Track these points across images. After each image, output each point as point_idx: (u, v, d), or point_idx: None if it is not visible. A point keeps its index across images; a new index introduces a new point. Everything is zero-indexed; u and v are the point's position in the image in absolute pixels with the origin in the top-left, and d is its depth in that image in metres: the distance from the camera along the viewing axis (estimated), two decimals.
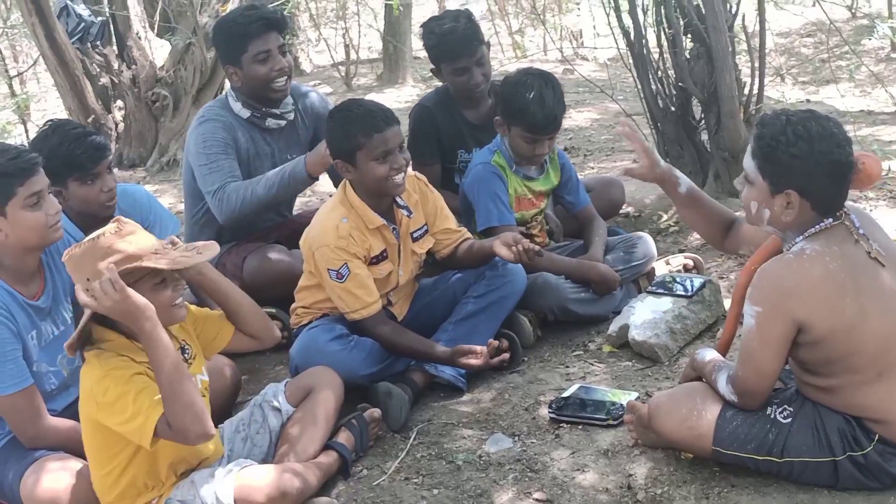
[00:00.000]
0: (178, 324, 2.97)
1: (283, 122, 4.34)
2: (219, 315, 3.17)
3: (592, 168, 6.45)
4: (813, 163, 2.58)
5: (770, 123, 2.65)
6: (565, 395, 3.42)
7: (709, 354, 2.96)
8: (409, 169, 3.73)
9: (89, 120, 7.64)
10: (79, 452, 3.00)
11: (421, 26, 4.61)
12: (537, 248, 3.68)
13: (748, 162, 2.72)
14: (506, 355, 3.70)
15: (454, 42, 4.37)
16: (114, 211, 3.72)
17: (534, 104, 3.97)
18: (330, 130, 3.71)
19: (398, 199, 3.72)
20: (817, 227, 2.66)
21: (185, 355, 2.97)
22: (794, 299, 2.58)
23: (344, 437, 3.25)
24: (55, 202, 3.17)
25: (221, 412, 3.36)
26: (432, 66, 4.61)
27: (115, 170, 5.31)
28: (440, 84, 4.70)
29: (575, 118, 8.09)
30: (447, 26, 4.39)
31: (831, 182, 2.62)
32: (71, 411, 3.23)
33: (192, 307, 3.13)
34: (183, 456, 2.92)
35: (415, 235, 3.81)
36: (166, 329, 2.81)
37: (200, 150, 4.19)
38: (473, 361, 3.59)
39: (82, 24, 7.66)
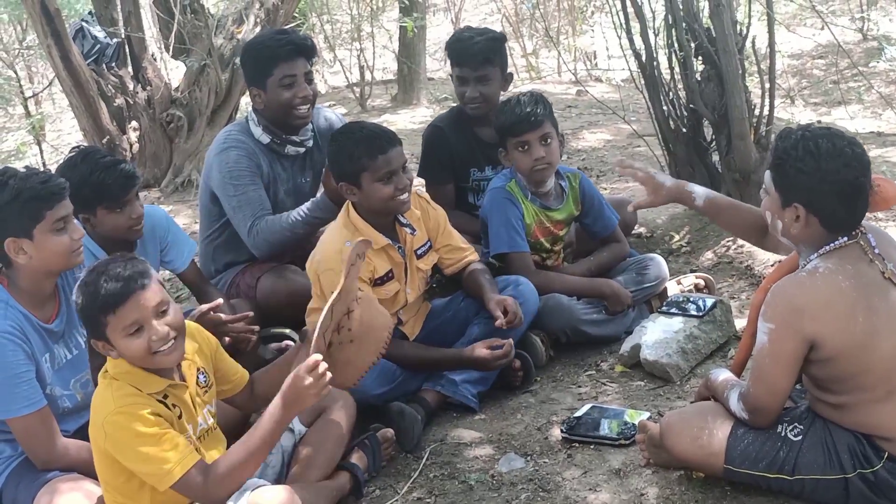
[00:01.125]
0: (199, 352, 3.00)
1: (301, 150, 4.36)
2: (241, 371, 3.17)
3: (605, 188, 6.46)
4: (818, 179, 2.61)
5: (786, 136, 2.70)
6: (577, 414, 3.43)
7: (722, 375, 2.97)
8: (421, 188, 3.75)
9: (104, 141, 7.68)
10: (92, 473, 2.99)
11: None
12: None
13: (767, 172, 2.77)
14: (518, 373, 3.73)
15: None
16: (140, 235, 3.76)
17: (510, 107, 4.05)
18: (333, 153, 3.75)
19: (401, 218, 3.75)
20: (832, 245, 2.68)
21: (202, 380, 2.98)
22: (806, 317, 2.60)
23: (357, 458, 3.26)
24: (79, 227, 3.21)
25: (235, 432, 3.36)
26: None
27: None
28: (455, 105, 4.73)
29: (588, 139, 8.12)
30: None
31: (838, 201, 2.64)
32: (84, 433, 3.22)
33: (221, 350, 3.13)
34: None
35: (419, 252, 3.84)
36: (189, 357, 2.92)
37: (227, 180, 4.18)
38: (498, 353, 3.63)
39: (98, 46, 7.69)
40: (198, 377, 2.96)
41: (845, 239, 2.68)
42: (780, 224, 2.75)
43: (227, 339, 3.50)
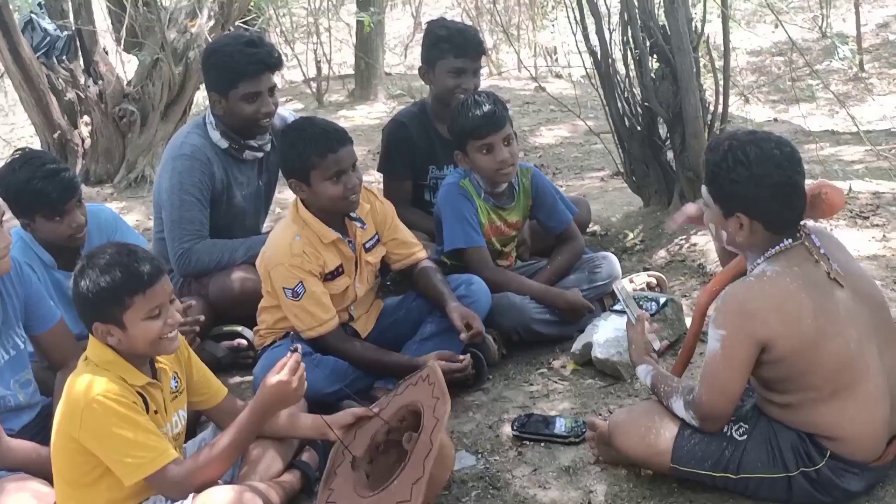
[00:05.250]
0: (174, 357, 2.99)
1: (259, 154, 4.34)
2: (215, 387, 3.16)
3: (561, 186, 6.47)
4: (753, 186, 2.64)
5: (714, 149, 2.73)
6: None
7: (646, 374, 2.97)
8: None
9: (55, 135, 7.58)
10: (38, 473, 2.98)
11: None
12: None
13: (703, 187, 2.80)
14: (471, 371, 3.72)
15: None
16: (82, 242, 3.71)
17: (469, 109, 3.98)
18: (283, 150, 3.72)
19: (351, 212, 3.74)
20: (777, 247, 2.70)
21: (174, 385, 2.97)
22: (757, 320, 2.62)
23: (307, 456, 3.24)
24: (6, 235, 3.16)
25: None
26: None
27: (83, 186, 5.30)
28: (413, 101, 4.70)
29: (545, 136, 8.14)
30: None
31: (777, 202, 2.66)
32: (29, 431, 3.21)
33: (196, 359, 3.12)
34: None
35: (367, 246, 3.82)
36: (160, 358, 2.90)
37: (175, 190, 4.16)
38: (455, 366, 3.61)
39: (48, 39, 7.57)
40: (171, 381, 2.96)
41: (790, 241, 2.70)
42: (725, 235, 2.77)
43: None
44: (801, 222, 2.76)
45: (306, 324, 3.63)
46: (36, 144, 8.10)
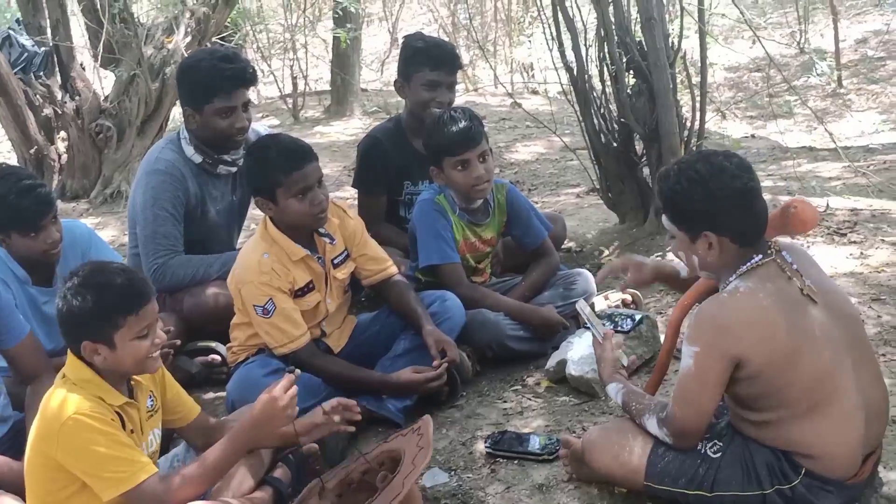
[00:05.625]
0: (150, 376, 2.97)
1: (233, 169, 4.33)
2: (188, 405, 3.14)
3: (537, 202, 6.48)
4: (713, 201, 2.64)
5: (665, 177, 2.74)
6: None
7: (614, 392, 2.97)
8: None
9: (32, 151, 7.55)
10: (10, 488, 2.96)
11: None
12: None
13: (664, 218, 2.80)
14: (444, 387, 3.71)
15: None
16: (57, 258, 3.68)
17: (445, 125, 3.97)
18: (248, 168, 3.72)
19: (319, 228, 3.72)
20: (749, 264, 2.69)
21: (150, 404, 2.95)
22: (730, 337, 2.61)
23: (280, 472, 3.20)
24: None
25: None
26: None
27: (59, 202, 5.26)
28: (389, 117, 4.69)
29: (521, 152, 8.15)
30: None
31: (740, 212, 2.67)
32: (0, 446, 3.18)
33: (169, 378, 3.09)
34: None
35: (336, 262, 3.81)
36: (138, 378, 2.89)
37: (148, 205, 4.16)
38: (430, 375, 3.61)
39: (25, 55, 7.55)
40: (147, 400, 2.94)
41: (760, 257, 2.70)
42: (695, 259, 2.76)
43: None
44: (773, 239, 2.76)
45: (278, 340, 3.61)
46: (12, 160, 8.08)
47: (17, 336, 3.34)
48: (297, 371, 3.00)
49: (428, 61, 4.49)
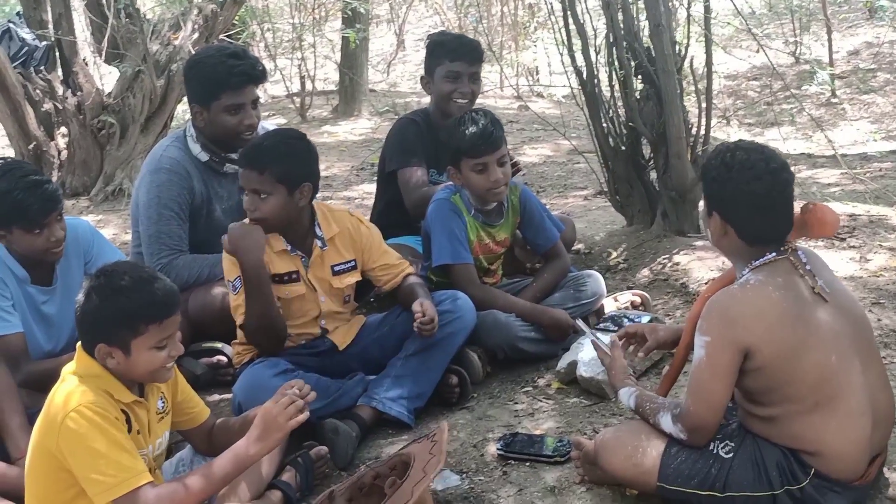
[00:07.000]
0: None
1: None
2: (199, 407, 3.11)
3: (545, 204, 6.48)
4: (730, 189, 2.73)
5: (716, 149, 2.84)
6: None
7: (630, 396, 2.96)
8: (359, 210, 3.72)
9: (30, 146, 7.51)
10: (6, 494, 2.94)
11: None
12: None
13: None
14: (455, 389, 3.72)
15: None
16: (59, 257, 3.64)
17: (466, 126, 3.96)
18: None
19: (316, 229, 3.72)
20: (762, 259, 2.74)
21: (161, 405, 2.92)
22: (739, 327, 2.64)
23: (289, 476, 3.19)
24: None
25: None
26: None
27: None
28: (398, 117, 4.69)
29: (529, 154, 8.15)
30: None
31: (748, 212, 2.72)
32: None
33: (182, 379, 3.06)
34: None
35: (336, 269, 3.79)
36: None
37: (153, 204, 4.13)
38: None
39: (25, 49, 7.51)
40: (158, 401, 2.90)
41: (774, 254, 2.74)
42: (708, 232, 2.87)
43: None
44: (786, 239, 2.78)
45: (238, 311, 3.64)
46: (10, 155, 8.02)
47: None
48: (301, 381, 2.94)
49: (448, 53, 4.55)
